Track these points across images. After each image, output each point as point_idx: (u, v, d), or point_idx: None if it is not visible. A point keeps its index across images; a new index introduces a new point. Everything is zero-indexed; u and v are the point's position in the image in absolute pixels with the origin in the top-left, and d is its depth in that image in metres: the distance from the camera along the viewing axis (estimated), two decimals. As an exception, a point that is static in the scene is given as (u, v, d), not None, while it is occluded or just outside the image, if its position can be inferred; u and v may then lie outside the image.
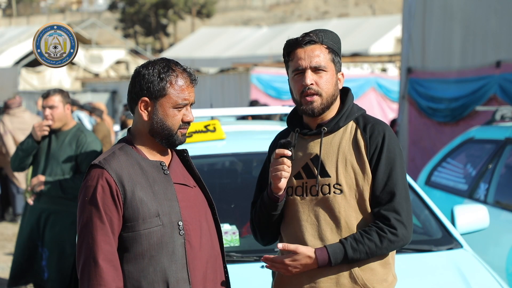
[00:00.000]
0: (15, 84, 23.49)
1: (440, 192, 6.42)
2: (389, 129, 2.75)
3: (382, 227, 2.64)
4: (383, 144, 2.69)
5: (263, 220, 2.81)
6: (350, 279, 2.66)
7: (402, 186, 2.69)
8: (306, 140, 2.78)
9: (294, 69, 2.72)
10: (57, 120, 5.26)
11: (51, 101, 5.23)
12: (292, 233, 2.74)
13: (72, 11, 71.50)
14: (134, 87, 2.55)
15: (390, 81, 16.14)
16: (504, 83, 8.78)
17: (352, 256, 2.63)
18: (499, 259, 5.10)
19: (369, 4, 59.31)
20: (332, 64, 2.73)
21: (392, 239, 2.65)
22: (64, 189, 5.17)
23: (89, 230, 2.43)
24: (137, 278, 2.46)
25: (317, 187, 2.71)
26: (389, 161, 2.69)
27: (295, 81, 2.73)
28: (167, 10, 52.84)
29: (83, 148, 5.22)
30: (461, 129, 8.81)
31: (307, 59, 2.69)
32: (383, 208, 2.67)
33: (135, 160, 2.53)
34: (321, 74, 2.70)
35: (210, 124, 4.46)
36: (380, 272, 2.70)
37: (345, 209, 2.68)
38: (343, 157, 2.71)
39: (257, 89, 15.45)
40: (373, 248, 2.63)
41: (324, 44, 2.72)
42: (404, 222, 2.66)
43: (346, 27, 30.95)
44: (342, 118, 2.75)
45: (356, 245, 2.62)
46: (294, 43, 2.73)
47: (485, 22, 9.29)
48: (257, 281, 3.44)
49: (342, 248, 2.63)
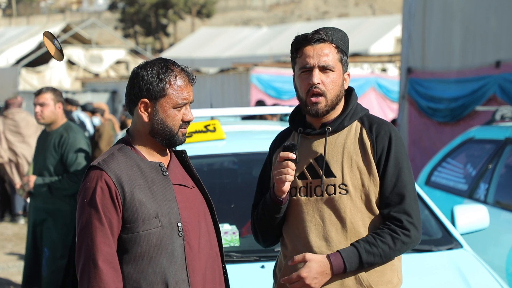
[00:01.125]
0: (15, 84, 23.48)
1: (440, 192, 6.42)
2: (395, 129, 2.72)
3: (395, 229, 2.61)
4: (390, 145, 2.66)
5: (265, 223, 2.77)
6: (355, 281, 2.63)
7: (411, 188, 2.67)
8: (310, 140, 2.74)
9: (302, 66, 2.68)
10: (47, 117, 5.29)
11: (42, 99, 5.27)
12: (296, 234, 2.71)
13: (72, 11, 71.51)
14: (133, 88, 2.54)
15: (390, 81, 16.15)
16: (504, 83, 8.78)
17: (366, 259, 2.58)
18: (499, 259, 5.10)
19: (369, 4, 59.30)
20: (340, 64, 2.69)
21: (405, 240, 2.62)
22: (51, 190, 5.21)
23: (89, 232, 2.42)
24: (137, 280, 2.46)
25: (322, 188, 2.67)
26: (397, 162, 2.66)
27: (301, 78, 2.69)
28: (167, 10, 52.83)
29: (66, 148, 5.24)
30: (461, 129, 8.81)
31: (316, 58, 2.65)
32: (393, 210, 2.63)
33: (134, 161, 2.52)
34: (329, 74, 2.66)
35: (210, 124, 4.46)
36: (385, 274, 2.66)
37: (350, 209, 2.65)
38: (348, 157, 2.67)
39: (257, 89, 15.45)
40: (387, 251, 2.60)
41: (333, 43, 2.68)
42: (415, 224, 2.64)
43: (346, 27, 30.93)
44: (347, 118, 2.72)
45: (370, 248, 2.59)
46: (303, 40, 2.68)
47: (485, 22, 9.29)
48: (257, 281, 3.44)
49: (356, 252, 2.58)
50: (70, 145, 5.23)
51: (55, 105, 5.29)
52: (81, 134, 5.34)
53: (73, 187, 5.19)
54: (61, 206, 5.29)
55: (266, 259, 3.62)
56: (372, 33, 29.53)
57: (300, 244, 2.68)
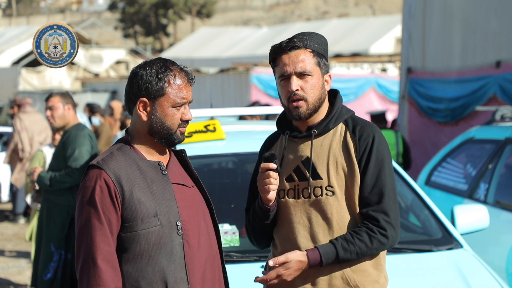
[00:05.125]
0: (15, 84, 23.49)
1: (440, 192, 6.42)
2: (378, 131, 2.77)
3: (372, 228, 2.67)
4: (372, 146, 2.71)
5: (257, 229, 2.84)
6: (342, 281, 2.69)
7: (390, 188, 2.72)
8: (296, 143, 2.80)
9: (280, 75, 2.74)
10: (57, 119, 5.48)
11: (51, 102, 5.49)
12: (284, 235, 2.77)
13: (72, 11, 71.52)
14: (132, 87, 2.55)
15: (390, 81, 16.13)
16: (504, 83, 8.78)
17: (343, 256, 2.65)
18: (499, 259, 5.10)
19: (369, 4, 59.30)
20: (317, 67, 2.74)
21: (381, 240, 2.68)
22: (51, 182, 5.35)
23: (88, 231, 2.43)
24: (136, 278, 2.46)
25: (309, 190, 2.73)
26: (378, 162, 2.71)
27: (281, 86, 2.76)
28: (167, 10, 52.82)
29: (68, 144, 5.39)
30: (461, 129, 8.81)
31: (292, 65, 2.71)
32: (371, 209, 2.69)
33: (133, 160, 2.53)
34: (307, 79, 2.71)
35: (210, 124, 4.46)
36: (372, 274, 2.72)
37: (337, 210, 2.70)
38: (333, 159, 2.73)
39: (257, 89, 15.43)
40: (363, 249, 2.66)
41: (308, 48, 2.72)
42: (392, 223, 2.70)
43: (346, 27, 30.94)
44: (332, 121, 2.77)
45: (347, 245, 2.65)
46: (278, 49, 2.74)
47: (485, 22, 9.29)
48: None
49: (334, 249, 2.65)
50: (71, 141, 5.37)
51: (64, 107, 5.46)
52: (84, 132, 5.45)
53: (71, 181, 5.32)
54: (60, 200, 5.43)
55: (266, 259, 3.62)
56: (372, 33, 29.51)
57: (289, 245, 2.74)
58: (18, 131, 9.99)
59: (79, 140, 5.36)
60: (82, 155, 5.32)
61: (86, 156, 5.34)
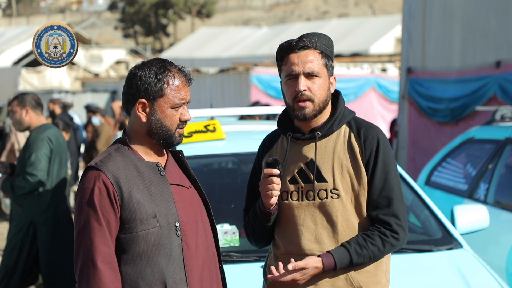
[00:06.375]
0: (15, 84, 23.48)
1: (440, 192, 6.42)
2: (382, 133, 2.78)
3: (384, 232, 2.68)
4: (378, 148, 2.72)
5: (257, 230, 2.84)
6: (346, 282, 2.69)
7: (398, 190, 2.73)
8: (299, 145, 2.79)
9: (287, 73, 2.73)
10: (16, 124, 5.41)
11: (10, 107, 5.44)
12: (288, 236, 2.76)
13: (72, 11, 71.51)
14: (130, 88, 2.54)
15: (390, 81, 16.12)
16: (504, 83, 8.77)
17: (356, 261, 2.66)
18: (499, 259, 5.10)
19: (369, 4, 59.30)
20: (325, 69, 2.73)
21: (394, 243, 2.69)
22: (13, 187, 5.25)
23: (87, 232, 2.42)
24: (135, 280, 2.46)
25: (314, 192, 2.72)
26: (384, 165, 2.71)
27: (288, 85, 2.74)
28: (167, 10, 52.83)
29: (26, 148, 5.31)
30: (461, 129, 8.81)
31: (301, 65, 2.69)
32: (382, 213, 2.69)
33: (131, 161, 2.52)
34: (314, 80, 2.71)
35: (210, 124, 4.46)
36: (375, 275, 2.73)
37: (342, 213, 2.70)
38: (338, 162, 2.72)
39: (257, 89, 15.43)
40: (376, 253, 2.67)
41: (317, 49, 2.72)
42: (403, 226, 2.72)
43: (346, 27, 30.93)
44: (335, 123, 2.76)
45: (361, 250, 2.66)
46: (287, 48, 2.72)
47: (485, 22, 9.28)
48: (257, 281, 3.44)
49: (347, 254, 2.66)
50: (29, 145, 5.29)
51: (21, 111, 5.35)
52: (42, 135, 5.30)
53: (28, 187, 5.20)
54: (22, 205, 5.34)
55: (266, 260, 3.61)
56: (372, 33, 29.50)
57: (292, 247, 2.74)
58: (15, 131, 9.98)
59: (37, 143, 5.25)
60: (39, 159, 5.20)
61: (44, 160, 5.22)
